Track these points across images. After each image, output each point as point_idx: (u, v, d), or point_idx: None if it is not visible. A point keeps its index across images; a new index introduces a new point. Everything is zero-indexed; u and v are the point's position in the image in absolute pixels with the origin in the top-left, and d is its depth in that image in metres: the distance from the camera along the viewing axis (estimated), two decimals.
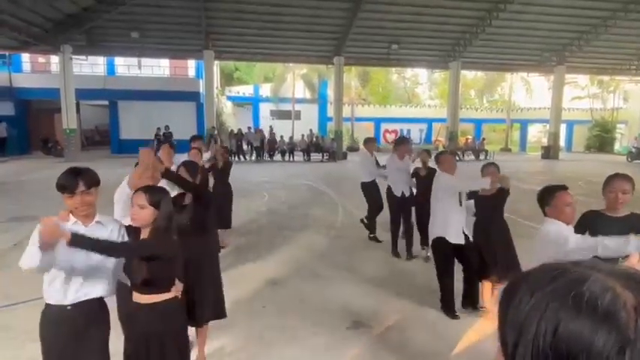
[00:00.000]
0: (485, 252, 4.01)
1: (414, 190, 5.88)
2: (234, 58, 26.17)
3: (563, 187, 2.66)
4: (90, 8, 16.51)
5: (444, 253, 4.13)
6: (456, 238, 4.04)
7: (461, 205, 4.09)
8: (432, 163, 5.25)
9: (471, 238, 4.11)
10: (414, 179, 5.84)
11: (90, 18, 16.94)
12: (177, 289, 2.29)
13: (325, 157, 20.93)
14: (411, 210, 5.89)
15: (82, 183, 2.10)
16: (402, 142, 6.07)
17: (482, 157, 23.23)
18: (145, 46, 19.60)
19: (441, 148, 24.33)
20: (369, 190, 6.60)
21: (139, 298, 2.20)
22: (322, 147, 21.37)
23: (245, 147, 21.43)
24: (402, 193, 5.83)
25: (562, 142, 28.71)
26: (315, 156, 21.15)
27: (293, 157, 21.13)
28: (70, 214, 2.16)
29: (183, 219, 2.81)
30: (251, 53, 21.94)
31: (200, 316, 3.08)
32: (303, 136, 22.06)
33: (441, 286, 4.18)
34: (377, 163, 6.63)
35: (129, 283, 2.25)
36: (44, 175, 14.35)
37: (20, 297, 4.39)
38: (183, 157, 6.64)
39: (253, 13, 17.92)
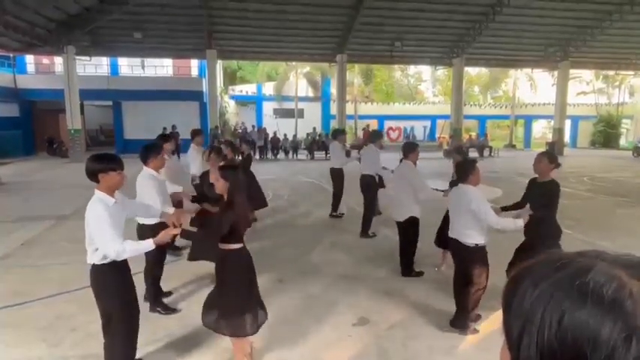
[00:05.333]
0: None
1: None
2: (237, 57, 26.19)
3: (476, 161, 3.88)
4: (93, 8, 16.56)
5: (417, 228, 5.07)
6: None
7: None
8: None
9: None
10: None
11: (93, 18, 16.99)
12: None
13: (329, 155, 20.85)
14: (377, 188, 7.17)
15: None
16: (380, 136, 7.45)
17: (486, 153, 23.05)
18: (148, 46, 19.65)
19: (445, 146, 24.28)
20: (337, 175, 7.87)
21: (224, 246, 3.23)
22: (326, 145, 21.32)
23: None
24: (375, 174, 7.09)
25: (567, 138, 28.51)
26: (318, 154, 21.13)
27: (297, 156, 21.09)
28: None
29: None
30: (254, 52, 21.95)
31: None
32: (308, 135, 21.92)
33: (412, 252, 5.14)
34: (347, 152, 8.15)
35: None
36: (50, 175, 14.44)
37: (30, 295, 4.43)
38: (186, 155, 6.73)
39: (256, 12, 17.90)
